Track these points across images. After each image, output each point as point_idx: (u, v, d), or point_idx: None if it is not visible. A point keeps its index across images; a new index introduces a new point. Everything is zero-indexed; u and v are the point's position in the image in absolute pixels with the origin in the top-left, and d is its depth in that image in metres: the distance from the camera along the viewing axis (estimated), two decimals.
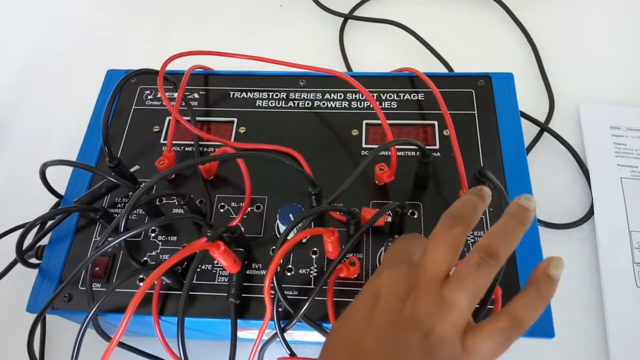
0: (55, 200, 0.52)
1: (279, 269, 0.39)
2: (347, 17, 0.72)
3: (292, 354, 0.39)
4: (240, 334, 0.42)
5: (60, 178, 0.48)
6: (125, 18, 0.76)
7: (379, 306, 0.29)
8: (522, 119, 0.59)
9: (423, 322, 0.27)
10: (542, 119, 0.60)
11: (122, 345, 0.42)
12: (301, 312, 0.37)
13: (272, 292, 0.37)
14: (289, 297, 0.39)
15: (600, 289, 0.49)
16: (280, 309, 0.38)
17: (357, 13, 0.73)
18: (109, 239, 0.38)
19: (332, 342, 0.31)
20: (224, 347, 0.39)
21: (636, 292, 0.48)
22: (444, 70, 0.65)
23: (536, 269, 0.29)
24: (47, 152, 0.62)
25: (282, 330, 0.38)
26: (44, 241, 0.45)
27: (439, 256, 0.29)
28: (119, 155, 0.48)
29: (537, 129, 0.59)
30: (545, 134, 0.59)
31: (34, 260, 0.46)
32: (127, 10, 0.77)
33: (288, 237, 0.36)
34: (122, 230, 0.36)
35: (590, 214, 0.53)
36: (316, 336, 0.40)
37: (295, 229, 0.37)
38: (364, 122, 0.49)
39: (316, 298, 0.38)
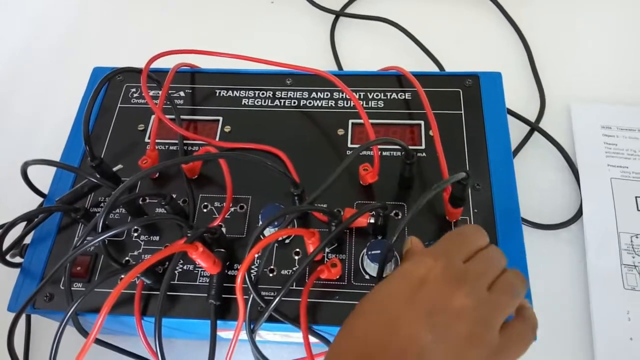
0: (41, 199, 0.51)
1: (257, 268, 0.38)
2: (338, 14, 0.71)
3: (263, 357, 0.38)
4: (223, 334, 0.42)
5: (47, 177, 0.47)
6: (115, 16, 0.76)
7: (425, 290, 0.30)
8: (513, 118, 0.59)
9: (474, 315, 0.29)
10: (532, 119, 0.59)
11: (105, 344, 0.42)
12: (270, 307, 0.36)
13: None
14: (269, 297, 0.39)
15: (587, 290, 0.48)
16: (260, 309, 0.38)
17: (348, 10, 0.72)
18: (88, 238, 0.37)
19: (362, 315, 0.30)
20: (208, 346, 0.38)
21: (623, 294, 0.47)
22: (435, 69, 0.65)
23: None
24: (34, 150, 0.62)
25: (252, 332, 0.37)
26: (29, 239, 0.45)
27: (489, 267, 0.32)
28: (103, 154, 0.48)
29: (528, 128, 0.59)
30: (536, 134, 0.58)
31: (17, 259, 0.45)
32: (117, 9, 0.76)
33: (264, 235, 0.35)
34: (100, 230, 0.36)
35: (579, 214, 0.52)
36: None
37: (274, 229, 0.37)
38: (350, 121, 0.48)
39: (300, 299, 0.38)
